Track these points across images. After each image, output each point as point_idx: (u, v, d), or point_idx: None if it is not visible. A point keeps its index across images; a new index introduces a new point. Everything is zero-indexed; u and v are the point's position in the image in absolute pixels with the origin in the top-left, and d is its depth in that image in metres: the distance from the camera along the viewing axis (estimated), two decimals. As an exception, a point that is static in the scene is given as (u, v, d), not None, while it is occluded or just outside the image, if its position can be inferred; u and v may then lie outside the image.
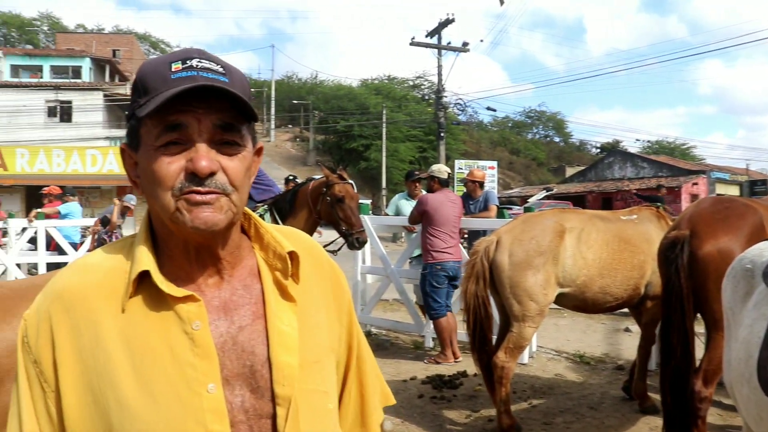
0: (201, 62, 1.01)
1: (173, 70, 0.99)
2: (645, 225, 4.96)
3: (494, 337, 4.91)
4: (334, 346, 1.16)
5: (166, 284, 1.01)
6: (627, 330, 7.86)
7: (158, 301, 1.01)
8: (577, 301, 4.74)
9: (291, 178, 11.47)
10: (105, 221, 10.25)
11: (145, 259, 1.02)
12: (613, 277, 4.66)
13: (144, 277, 1.01)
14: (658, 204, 5.36)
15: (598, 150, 63.70)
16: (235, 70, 1.05)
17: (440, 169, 6.88)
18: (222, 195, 1.00)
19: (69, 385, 0.98)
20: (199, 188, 0.98)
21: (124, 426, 0.95)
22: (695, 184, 35.14)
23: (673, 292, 3.69)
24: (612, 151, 48.44)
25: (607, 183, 40.27)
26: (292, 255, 1.10)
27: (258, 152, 1.14)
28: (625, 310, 5.24)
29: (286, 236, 1.16)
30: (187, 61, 1.00)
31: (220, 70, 1.02)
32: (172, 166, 0.98)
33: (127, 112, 1.07)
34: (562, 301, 4.75)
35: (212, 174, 0.98)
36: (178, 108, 0.97)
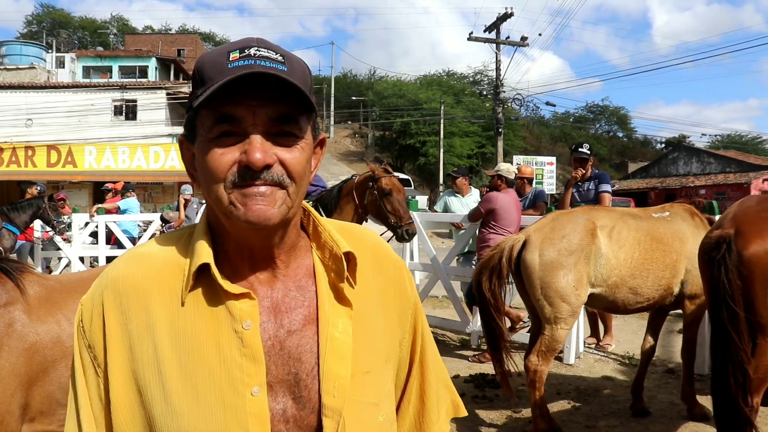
0: (259, 50, 0.96)
1: (231, 59, 0.95)
2: (677, 222, 4.75)
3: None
4: (392, 354, 1.10)
5: (224, 280, 0.98)
6: (681, 332, 7.56)
7: (213, 296, 0.98)
8: (607, 302, 4.59)
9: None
10: (163, 219, 10.58)
11: (205, 253, 0.99)
12: (644, 278, 4.48)
13: (201, 272, 0.99)
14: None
15: (663, 145, 61.83)
16: (296, 59, 1.00)
17: (508, 169, 6.70)
18: (278, 188, 0.96)
19: (116, 371, 0.97)
20: (254, 181, 0.94)
21: (166, 421, 0.93)
22: (766, 179, 33.54)
23: (721, 295, 3.44)
24: (677, 146, 46.86)
25: (671, 179, 38.92)
26: (349, 256, 1.05)
27: (320, 144, 1.09)
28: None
29: (348, 234, 1.11)
30: (246, 50, 0.96)
31: (279, 58, 0.97)
32: (224, 158, 0.95)
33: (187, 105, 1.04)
34: (591, 302, 4.59)
35: (268, 167, 0.94)
36: (232, 99, 0.93)
